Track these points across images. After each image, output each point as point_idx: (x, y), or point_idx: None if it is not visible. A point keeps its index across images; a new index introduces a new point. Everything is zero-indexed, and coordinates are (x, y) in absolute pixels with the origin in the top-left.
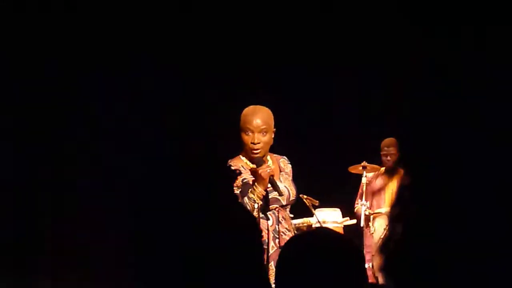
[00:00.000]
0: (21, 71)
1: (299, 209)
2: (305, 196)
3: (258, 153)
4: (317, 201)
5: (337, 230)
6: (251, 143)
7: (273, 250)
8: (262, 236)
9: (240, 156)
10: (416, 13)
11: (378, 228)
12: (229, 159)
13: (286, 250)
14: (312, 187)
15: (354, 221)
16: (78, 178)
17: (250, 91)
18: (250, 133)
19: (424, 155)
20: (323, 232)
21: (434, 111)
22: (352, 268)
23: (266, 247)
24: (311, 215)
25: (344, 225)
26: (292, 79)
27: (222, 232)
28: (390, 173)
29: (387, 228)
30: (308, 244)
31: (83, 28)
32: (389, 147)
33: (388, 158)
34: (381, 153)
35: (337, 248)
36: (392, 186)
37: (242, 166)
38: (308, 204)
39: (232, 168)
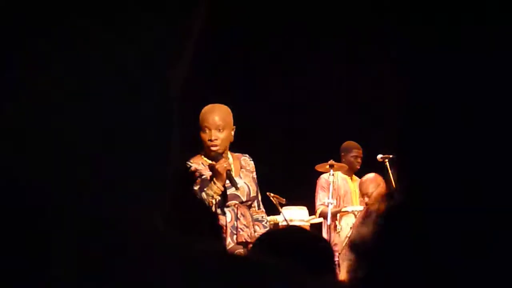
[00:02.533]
0: None
1: (266, 207)
2: (272, 194)
3: (216, 150)
4: (284, 199)
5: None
6: (208, 140)
7: (230, 246)
8: (222, 233)
9: (201, 155)
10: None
11: (345, 227)
12: (190, 158)
13: (257, 247)
14: (279, 185)
15: (320, 219)
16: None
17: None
18: (207, 131)
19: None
20: (293, 229)
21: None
22: (322, 265)
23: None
24: (278, 213)
25: (311, 223)
26: (258, 76)
27: (181, 230)
28: (350, 174)
29: (354, 225)
30: (278, 241)
31: None
32: (359, 150)
33: (359, 160)
34: (351, 154)
35: (307, 245)
36: (354, 187)
37: (202, 164)
38: (275, 202)
39: (191, 170)
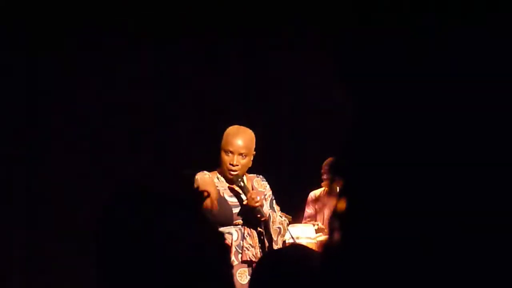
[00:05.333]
0: None
1: None
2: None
3: (234, 174)
4: (290, 217)
5: (311, 245)
6: (230, 164)
7: (234, 265)
8: (230, 252)
9: (217, 172)
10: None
11: None
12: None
13: (259, 267)
14: (285, 203)
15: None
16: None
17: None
18: (230, 154)
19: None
20: (295, 249)
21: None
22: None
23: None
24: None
25: (318, 241)
26: (263, 88)
27: (189, 247)
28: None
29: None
30: (280, 261)
31: None
32: None
33: None
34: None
35: (309, 264)
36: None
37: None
38: None
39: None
